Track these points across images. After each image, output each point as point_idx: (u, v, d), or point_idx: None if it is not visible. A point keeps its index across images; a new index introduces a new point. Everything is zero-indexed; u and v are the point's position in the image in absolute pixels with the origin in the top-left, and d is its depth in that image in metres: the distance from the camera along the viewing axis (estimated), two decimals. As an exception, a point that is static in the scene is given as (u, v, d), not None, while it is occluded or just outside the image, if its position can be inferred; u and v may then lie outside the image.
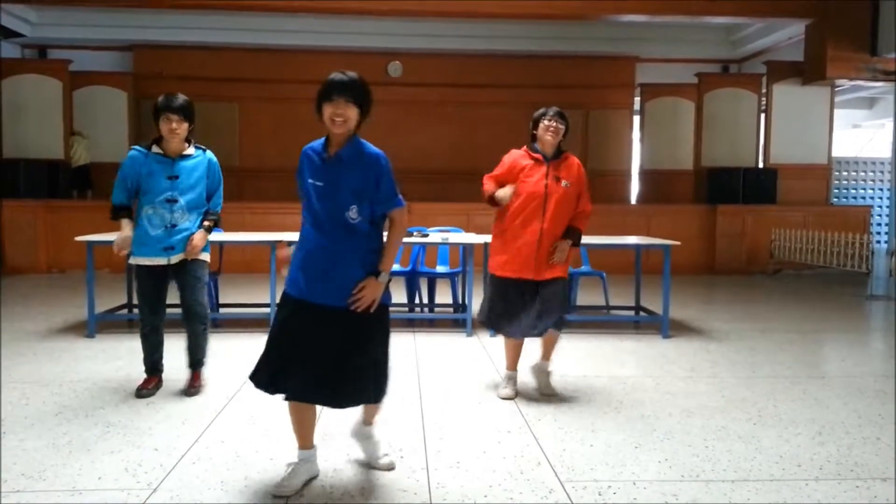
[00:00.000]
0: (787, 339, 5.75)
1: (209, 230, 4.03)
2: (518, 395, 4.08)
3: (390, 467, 2.99)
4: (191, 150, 3.96)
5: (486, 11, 9.79)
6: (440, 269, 6.80)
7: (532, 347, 4.27)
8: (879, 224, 14.71)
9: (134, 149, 3.96)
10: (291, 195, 3.90)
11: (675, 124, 12.52)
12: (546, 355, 4.16)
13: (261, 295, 6.74)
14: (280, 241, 2.55)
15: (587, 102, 12.68)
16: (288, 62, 12.37)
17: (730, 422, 3.66)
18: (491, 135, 12.47)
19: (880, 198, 15.32)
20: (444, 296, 6.94)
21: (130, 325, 6.00)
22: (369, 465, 3.01)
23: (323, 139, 2.75)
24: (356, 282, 2.68)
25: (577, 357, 4.98)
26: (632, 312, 6.53)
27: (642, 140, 12.85)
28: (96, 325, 5.60)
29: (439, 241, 6.01)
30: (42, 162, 10.45)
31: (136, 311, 6.11)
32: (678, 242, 6.08)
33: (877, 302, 7.85)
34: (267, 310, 5.88)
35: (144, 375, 4.12)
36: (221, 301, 6.49)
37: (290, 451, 3.12)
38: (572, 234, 3.96)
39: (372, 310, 2.70)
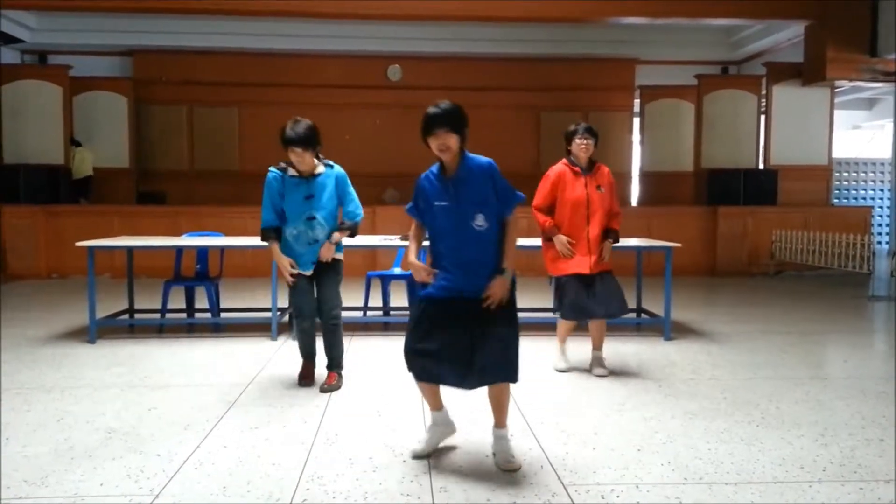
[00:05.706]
0: (788, 341, 5.75)
1: (336, 242, 4.26)
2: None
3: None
4: (321, 168, 4.24)
5: (486, 14, 9.77)
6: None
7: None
8: (880, 225, 14.70)
9: (271, 171, 4.22)
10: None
11: (676, 126, 12.54)
12: (599, 345, 4.76)
13: (261, 300, 6.75)
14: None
15: (587, 105, 12.71)
16: (287, 66, 12.39)
17: (732, 424, 3.65)
18: (491, 138, 12.42)
19: (881, 198, 15.31)
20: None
21: (131, 330, 6.00)
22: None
23: (437, 165, 3.16)
24: (489, 276, 3.02)
25: (578, 359, 4.97)
26: (633, 315, 6.52)
27: (642, 142, 12.87)
28: (97, 331, 5.59)
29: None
30: (42, 167, 10.45)
31: (140, 316, 6.14)
32: (679, 244, 6.08)
33: (878, 303, 7.85)
34: (268, 314, 5.83)
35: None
36: (222, 305, 6.46)
37: (293, 456, 3.13)
38: (612, 234, 4.67)
39: (503, 303, 3.02)
